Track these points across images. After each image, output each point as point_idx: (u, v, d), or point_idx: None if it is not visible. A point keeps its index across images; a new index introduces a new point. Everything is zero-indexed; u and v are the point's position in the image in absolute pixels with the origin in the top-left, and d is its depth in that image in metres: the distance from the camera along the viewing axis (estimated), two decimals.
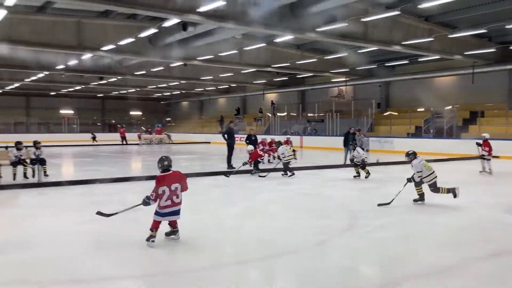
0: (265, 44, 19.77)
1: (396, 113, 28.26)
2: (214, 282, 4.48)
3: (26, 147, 12.06)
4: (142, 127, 40.04)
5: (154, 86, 37.44)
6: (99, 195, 9.70)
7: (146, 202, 5.60)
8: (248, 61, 23.24)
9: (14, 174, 11.40)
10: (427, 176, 8.20)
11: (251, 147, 13.32)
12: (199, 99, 47.56)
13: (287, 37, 17.87)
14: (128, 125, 42.74)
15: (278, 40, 18.85)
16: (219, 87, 39.75)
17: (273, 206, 8.54)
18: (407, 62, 25.50)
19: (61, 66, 24.41)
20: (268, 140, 17.04)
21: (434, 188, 8.24)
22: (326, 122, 29.20)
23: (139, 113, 51.95)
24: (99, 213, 6.05)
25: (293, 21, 14.65)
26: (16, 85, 34.47)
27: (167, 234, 5.87)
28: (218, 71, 28.91)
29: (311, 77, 32.70)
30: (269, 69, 25.28)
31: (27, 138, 16.19)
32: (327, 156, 20.12)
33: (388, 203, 8.12)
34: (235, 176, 12.94)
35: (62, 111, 46.68)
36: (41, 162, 11.80)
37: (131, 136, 35.18)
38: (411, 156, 8.49)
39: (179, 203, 5.67)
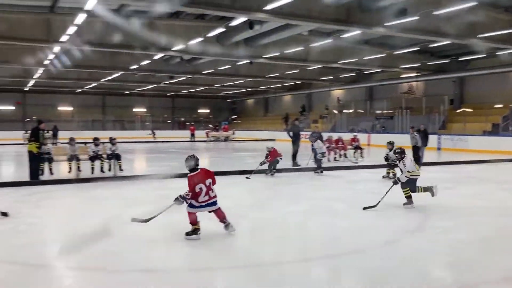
0: (332, 40, 19.48)
1: (470, 110, 26.69)
2: (279, 279, 4.52)
3: (103, 143, 12.82)
4: (210, 125, 41.06)
5: (221, 85, 38.21)
6: (170, 189, 10.05)
7: (180, 201, 5.67)
8: (315, 57, 23.02)
9: (92, 168, 12.16)
10: (414, 175, 7.64)
11: (270, 144, 12.88)
12: (264, 96, 47.86)
13: (355, 33, 17.49)
14: (196, 123, 44.08)
15: (345, 35, 18.48)
16: (284, 85, 39.76)
17: (338, 204, 8.42)
18: (484, 56, 23.96)
19: (135, 66, 25.61)
20: (335, 138, 16.80)
21: (413, 186, 7.67)
22: (396, 119, 28.25)
23: (207, 110, 53.33)
24: (134, 219, 5.91)
25: (361, 16, 14.31)
26: (94, 84, 36.61)
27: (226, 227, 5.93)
28: (284, 69, 28.93)
29: (379, 73, 31.76)
30: (335, 65, 24.90)
31: (103, 135, 17.16)
32: None
33: (374, 206, 7.56)
34: (299, 173, 12.90)
35: (135, 109, 48.98)
36: (117, 157, 12.49)
37: (199, 134, 36.22)
38: (401, 154, 7.82)
39: (215, 196, 5.81)
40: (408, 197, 7.75)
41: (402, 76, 30.33)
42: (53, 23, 16.27)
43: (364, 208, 7.56)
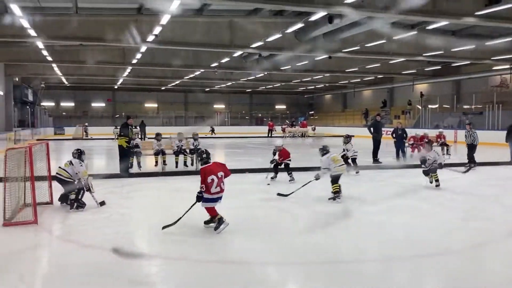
0: (416, 32, 18.59)
1: None
2: (359, 277, 4.43)
3: (186, 138, 13.36)
4: (287, 121, 41.14)
5: (299, 80, 38.10)
6: (248, 184, 10.28)
7: (199, 197, 5.97)
8: (397, 50, 22.12)
9: (176, 162, 12.73)
10: (336, 167, 7.89)
11: (279, 141, 11.30)
12: (342, 91, 46.98)
13: (441, 23, 16.55)
14: (273, 118, 44.42)
15: (430, 27, 17.56)
16: (364, 79, 38.72)
17: (424, 203, 8.06)
18: None
19: (215, 64, 26.35)
20: (420, 135, 16.07)
21: (335, 179, 7.93)
22: (485, 114, 26.36)
23: (283, 106, 53.51)
24: (165, 227, 5.99)
25: (448, 6, 13.51)
26: (177, 82, 38.24)
27: (206, 223, 6.20)
28: (364, 63, 28.16)
29: (467, 65, 29.78)
30: (419, 58, 23.74)
31: (185, 130, 17.87)
32: (484, 152, 18.18)
33: (286, 195, 8.09)
34: (381, 170, 12.52)
35: (215, 106, 50.46)
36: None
37: (276, 129, 36.43)
38: (323, 151, 8.13)
39: (223, 190, 6.10)
40: (336, 192, 7.92)
41: (493, 68, 28.22)
42: (140, 24, 17.19)
43: (278, 194, 8.23)
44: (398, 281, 4.44)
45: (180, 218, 6.05)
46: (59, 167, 7.73)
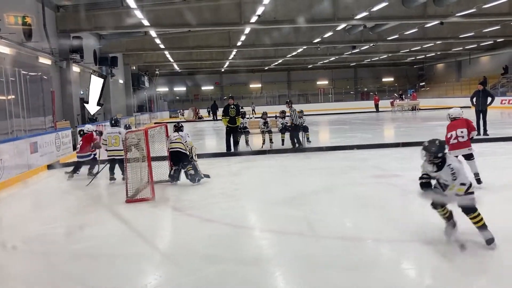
0: None
1: None
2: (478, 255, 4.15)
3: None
4: (395, 94, 39.25)
5: (407, 50, 35.93)
6: (357, 160, 10.08)
7: None
8: None
9: (282, 140, 12.87)
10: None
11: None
12: (456, 59, 43.33)
13: None
14: (380, 92, 42.67)
15: None
16: (481, 44, 35.26)
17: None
18: None
19: (317, 40, 25.93)
20: None
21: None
22: None
23: (391, 79, 51.03)
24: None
25: None
26: (279, 61, 38.44)
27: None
28: (481, 26, 25.60)
29: None
30: None
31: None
32: None
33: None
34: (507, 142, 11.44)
35: (318, 82, 49.88)
36: (304, 129, 12.98)
37: (383, 103, 34.90)
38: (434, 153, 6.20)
39: None
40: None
41: None
42: (243, 6, 17.51)
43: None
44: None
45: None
46: (174, 141, 8.08)
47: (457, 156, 5.84)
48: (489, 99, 12.65)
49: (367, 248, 4.60)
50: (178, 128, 8.53)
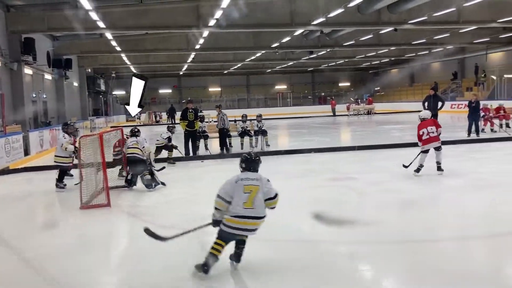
0: None
1: None
2: (432, 255, 4.30)
3: (250, 120, 13.49)
4: (351, 98, 40.19)
5: (362, 56, 36.93)
6: (314, 164, 10.23)
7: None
8: (468, 18, 20.71)
9: (242, 144, 12.91)
10: None
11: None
12: (409, 65, 44.95)
13: None
14: (336, 97, 43.58)
15: None
16: (432, 51, 36.73)
17: (506, 179, 7.57)
18: None
19: (276, 44, 26.17)
20: (495, 107, 15.11)
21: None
22: None
23: (347, 84, 52.24)
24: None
25: None
26: (238, 65, 38.52)
27: None
28: (432, 33, 26.68)
29: None
30: (493, 25, 22.07)
31: (248, 113, 18.05)
32: None
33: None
34: (456, 145, 11.94)
35: (277, 87, 50.33)
36: (263, 133, 13.06)
37: (340, 108, 35.63)
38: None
39: None
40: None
41: None
42: (201, 9, 17.42)
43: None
44: (472, 258, 4.26)
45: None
46: (131, 147, 7.97)
47: (429, 149, 7.59)
48: (440, 103, 13.18)
49: (323, 250, 4.66)
50: (134, 133, 8.38)
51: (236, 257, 4.13)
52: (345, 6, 16.90)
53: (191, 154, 11.92)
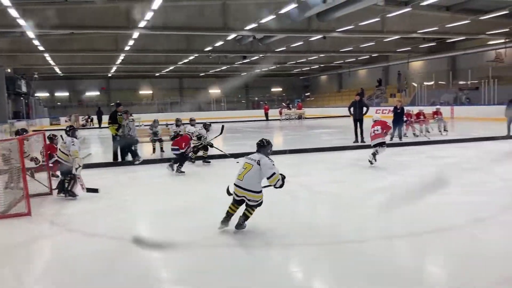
0: (410, 9, 18.44)
1: None
2: (357, 255, 4.46)
3: (184, 124, 13.28)
4: (283, 103, 41.00)
5: (294, 62, 37.89)
6: None
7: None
8: (391, 28, 22.01)
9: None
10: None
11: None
12: (337, 72, 46.79)
13: None
14: (269, 101, 44.24)
15: (425, 3, 17.41)
16: (359, 58, 38.54)
17: (425, 180, 8.08)
18: None
19: (208, 48, 26.12)
20: (416, 112, 16.08)
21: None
22: (481, 90, 26.35)
23: (280, 89, 53.27)
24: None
25: None
26: (171, 68, 37.95)
27: None
28: (358, 42, 28.00)
29: (462, 41, 29.69)
30: (414, 35, 23.62)
31: (181, 116, 17.78)
32: (478, 128, 18.18)
33: None
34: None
35: (211, 91, 50.15)
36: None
37: (272, 112, 36.22)
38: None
39: None
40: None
41: (488, 43, 28.11)
42: (132, 11, 16.96)
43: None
44: (399, 258, 4.47)
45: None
46: (59, 150, 7.55)
47: (376, 144, 9.49)
48: (365, 109, 13.80)
49: (255, 252, 4.67)
50: (68, 131, 7.81)
51: (238, 223, 5.18)
52: (276, 13, 17.25)
53: (119, 159, 11.49)
